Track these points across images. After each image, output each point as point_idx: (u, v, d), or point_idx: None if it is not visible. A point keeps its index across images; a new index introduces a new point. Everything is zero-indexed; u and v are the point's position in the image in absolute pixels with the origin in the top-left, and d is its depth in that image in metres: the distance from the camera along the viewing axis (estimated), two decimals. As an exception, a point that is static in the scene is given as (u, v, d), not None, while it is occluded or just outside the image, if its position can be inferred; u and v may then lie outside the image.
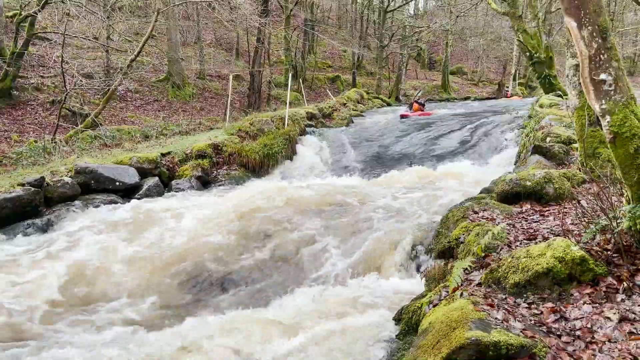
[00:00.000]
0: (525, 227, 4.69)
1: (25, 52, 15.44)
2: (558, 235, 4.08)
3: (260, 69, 21.90)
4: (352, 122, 16.88)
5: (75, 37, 17.43)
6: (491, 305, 3.18)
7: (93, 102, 16.53)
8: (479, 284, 3.68)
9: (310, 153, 12.90)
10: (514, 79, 31.02)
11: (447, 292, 3.72)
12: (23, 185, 7.43)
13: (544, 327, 2.96)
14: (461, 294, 3.46)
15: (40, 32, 16.70)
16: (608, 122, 3.22)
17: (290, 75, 17.38)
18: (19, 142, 12.74)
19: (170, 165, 10.38)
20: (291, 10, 25.68)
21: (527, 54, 14.59)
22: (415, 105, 17.54)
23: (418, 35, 30.95)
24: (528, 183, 5.47)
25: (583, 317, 2.94)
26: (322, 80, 30.26)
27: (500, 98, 28.31)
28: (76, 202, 7.94)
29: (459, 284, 3.70)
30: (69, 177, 8.28)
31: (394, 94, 29.31)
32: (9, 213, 6.99)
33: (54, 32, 17.09)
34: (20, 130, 13.74)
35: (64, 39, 14.54)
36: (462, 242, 4.80)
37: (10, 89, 14.91)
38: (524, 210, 5.25)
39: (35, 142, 12.29)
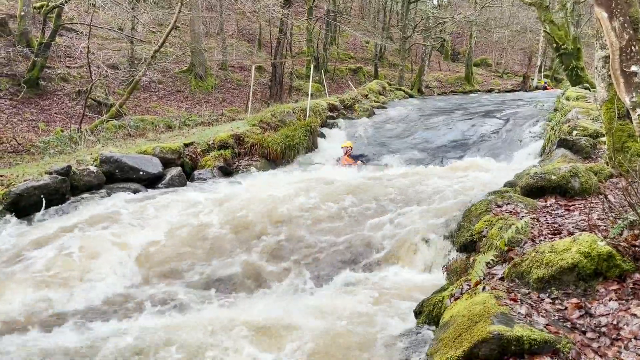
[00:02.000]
0: (550, 222, 4.62)
1: (53, 42, 15.73)
2: (584, 230, 4.01)
3: (282, 60, 21.91)
4: (374, 113, 16.78)
5: (100, 28, 17.69)
6: (514, 300, 3.15)
7: (117, 93, 16.77)
8: (502, 278, 3.65)
9: (331, 145, 12.88)
10: (540, 71, 30.46)
11: (469, 285, 3.69)
12: (50, 173, 7.57)
13: (569, 322, 2.92)
14: (483, 288, 3.43)
15: (67, 23, 16.96)
16: (639, 115, 3.15)
17: (312, 66, 17.35)
18: (46, 131, 13.01)
19: (193, 156, 10.47)
20: (314, 1, 25.59)
21: (554, 45, 14.29)
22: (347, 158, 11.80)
23: (442, 27, 30.50)
24: (553, 177, 5.37)
25: (609, 314, 2.89)
26: (344, 72, 30.14)
27: (528, 90, 27.85)
28: (101, 190, 8.07)
29: (481, 278, 3.67)
30: (94, 166, 8.42)
31: (416, 85, 29.05)
32: (36, 200, 7.15)
33: (80, 23, 17.34)
34: (47, 119, 14.02)
35: (90, 30, 14.75)
36: (484, 236, 4.75)
37: (38, 79, 15.20)
38: (548, 205, 5.17)
39: (62, 131, 12.53)
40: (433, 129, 13.27)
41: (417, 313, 4.15)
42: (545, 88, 27.10)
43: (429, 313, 3.93)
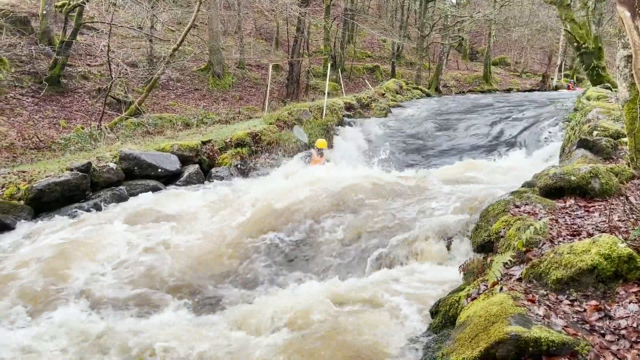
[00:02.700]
0: (569, 223, 4.57)
1: (74, 41, 15.95)
2: (604, 231, 3.96)
3: (299, 59, 21.94)
4: (391, 112, 16.73)
5: (120, 26, 17.88)
6: (532, 301, 3.12)
7: (136, 91, 16.94)
8: (519, 279, 3.62)
9: (347, 144, 12.88)
10: (560, 70, 30.05)
11: (486, 286, 3.66)
12: (71, 170, 7.70)
13: (587, 325, 2.89)
14: (501, 289, 3.40)
15: (87, 22, 17.20)
16: (661, 115, 3.11)
17: (328, 65, 17.34)
18: (66, 128, 13.21)
19: (211, 154, 10.56)
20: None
21: (575, 44, 14.10)
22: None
23: (460, 25, 30.23)
24: (572, 177, 5.30)
25: (629, 316, 2.86)
26: (361, 71, 30.08)
27: (548, 90, 27.49)
28: (120, 187, 8.18)
29: (499, 278, 3.64)
30: (114, 163, 8.54)
31: (433, 84, 28.87)
32: (57, 196, 7.28)
33: (101, 22, 17.55)
34: (68, 116, 14.23)
35: (110, 28, 14.93)
36: (502, 236, 4.71)
37: (59, 76, 15.43)
38: (567, 206, 5.11)
39: (82, 128, 12.71)
40: (449, 128, 13.20)
41: (434, 312, 4.14)
42: (568, 87, 26.70)
43: (445, 313, 3.91)
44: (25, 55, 15.51)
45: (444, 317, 3.91)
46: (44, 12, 16.43)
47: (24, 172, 7.75)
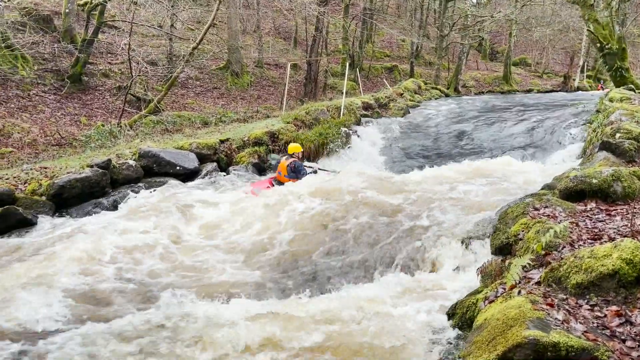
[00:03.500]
0: (590, 227, 4.50)
1: (95, 39, 16.16)
2: (625, 236, 3.89)
3: (318, 58, 21.94)
4: (409, 112, 16.65)
5: (141, 25, 18.06)
6: (551, 305, 3.08)
7: (156, 89, 17.11)
8: (538, 283, 3.57)
9: (364, 143, 12.85)
10: (582, 71, 29.59)
11: (504, 289, 3.63)
12: (91, 166, 7.82)
13: (608, 330, 2.84)
14: (519, 292, 3.37)
15: (109, 20, 17.43)
16: (687, 118, 3.04)
17: (347, 64, 17.31)
18: (87, 125, 13.40)
19: (228, 152, 10.62)
20: (350, -1, 25.52)
21: (598, 45, 13.87)
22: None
23: (480, 25, 29.94)
24: (594, 180, 5.22)
25: (650, 323, 2.81)
26: (379, 70, 29.98)
27: (569, 91, 27.07)
28: (139, 184, 8.27)
29: (517, 282, 3.60)
30: (134, 160, 8.64)
31: (452, 84, 28.65)
32: (78, 192, 7.38)
33: (122, 21, 17.76)
34: (88, 114, 14.44)
35: (131, 27, 15.09)
36: (520, 239, 4.66)
37: (81, 74, 15.66)
38: (588, 209, 5.03)
39: (103, 125, 12.88)
40: (467, 129, 13.07)
41: (450, 315, 4.11)
42: (598, 88, 26.15)
43: (462, 315, 3.88)
44: (48, 53, 15.77)
45: (460, 319, 3.88)
46: (67, 10, 16.69)
47: (45, 168, 7.88)
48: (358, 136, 13.32)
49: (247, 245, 6.27)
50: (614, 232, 4.20)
